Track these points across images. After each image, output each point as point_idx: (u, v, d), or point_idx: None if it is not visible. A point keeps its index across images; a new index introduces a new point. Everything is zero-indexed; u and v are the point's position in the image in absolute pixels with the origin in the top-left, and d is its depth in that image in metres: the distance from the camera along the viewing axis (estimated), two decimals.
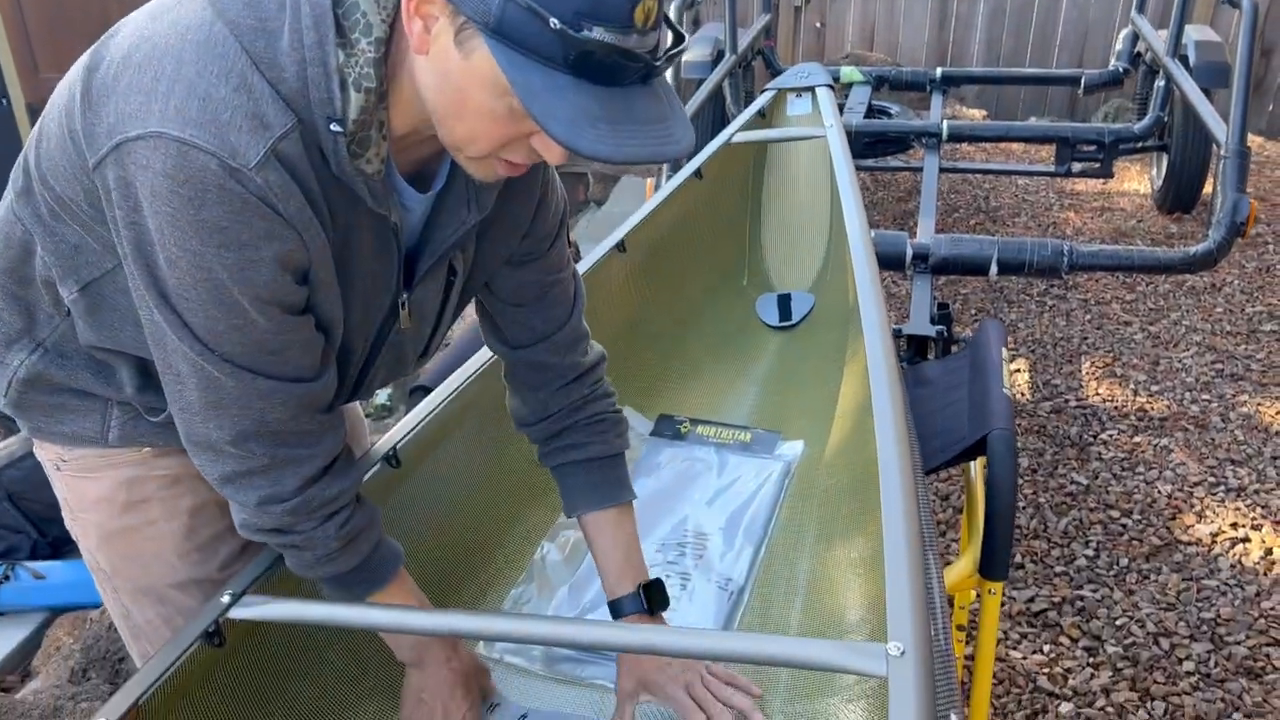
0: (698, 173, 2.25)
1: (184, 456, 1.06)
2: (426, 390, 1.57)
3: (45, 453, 1.18)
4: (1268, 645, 2.22)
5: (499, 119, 0.86)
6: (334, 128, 0.87)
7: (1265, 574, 2.42)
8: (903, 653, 0.88)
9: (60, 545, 2.72)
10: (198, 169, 0.82)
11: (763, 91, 2.54)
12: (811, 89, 2.46)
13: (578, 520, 1.32)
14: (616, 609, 1.28)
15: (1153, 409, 3.12)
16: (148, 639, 1.25)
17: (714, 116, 4.35)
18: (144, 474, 1.16)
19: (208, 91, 0.83)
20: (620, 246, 1.98)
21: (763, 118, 2.48)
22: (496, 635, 1.03)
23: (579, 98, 0.81)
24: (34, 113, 4.36)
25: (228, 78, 0.83)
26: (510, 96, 0.83)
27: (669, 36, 0.92)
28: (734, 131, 2.35)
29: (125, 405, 1.10)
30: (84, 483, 1.17)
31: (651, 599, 1.28)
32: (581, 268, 1.87)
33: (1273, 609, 2.31)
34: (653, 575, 1.31)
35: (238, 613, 1.08)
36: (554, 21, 0.78)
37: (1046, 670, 2.18)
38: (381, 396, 3.28)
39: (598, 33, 0.78)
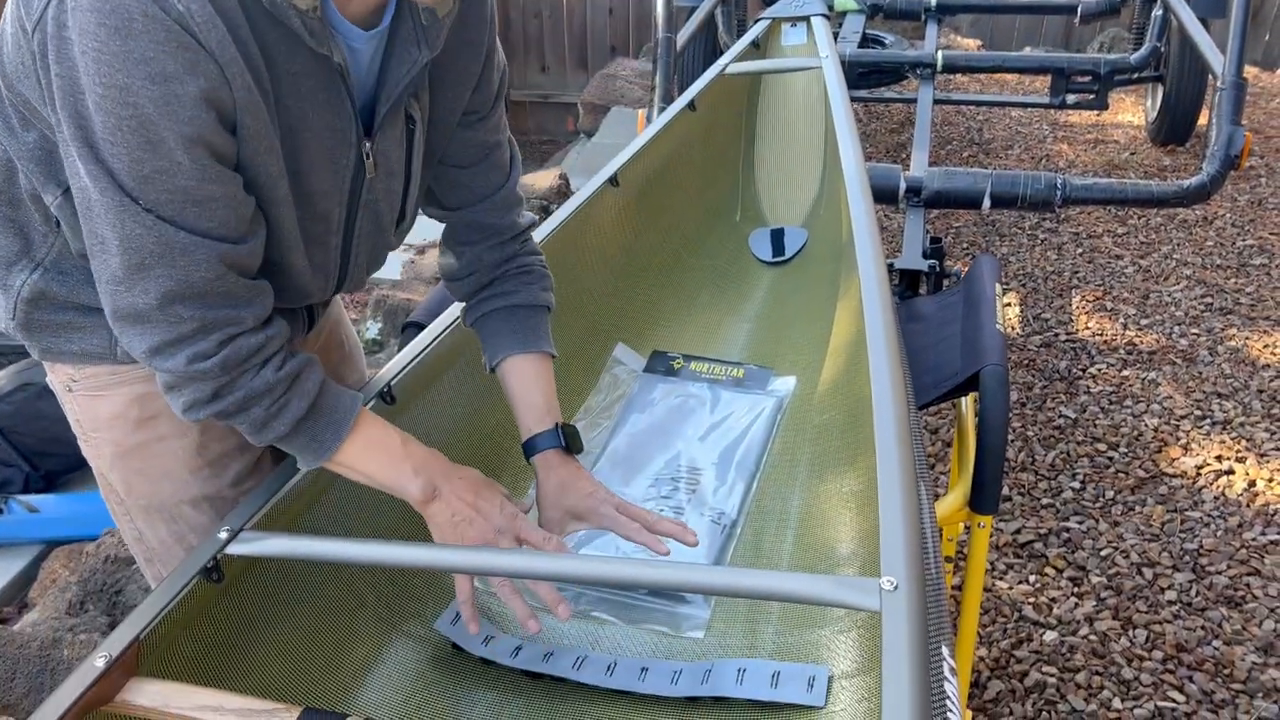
0: (691, 105, 2.22)
1: None
2: (420, 327, 1.57)
3: (56, 375, 1.19)
4: (1248, 575, 2.26)
5: None
6: None
7: (1248, 506, 2.46)
8: (896, 587, 0.90)
9: (53, 478, 2.73)
10: None
11: (756, 21, 2.49)
12: (806, 18, 2.41)
13: (497, 371, 1.32)
14: (533, 447, 1.29)
15: (1142, 343, 3.14)
16: (161, 561, 1.27)
17: (706, 47, 4.28)
18: (154, 390, 1.17)
19: None
20: (613, 180, 1.96)
21: (756, 48, 2.44)
22: (491, 570, 1.04)
23: None
24: None
25: None
26: None
27: None
28: (728, 62, 2.32)
29: None
30: (96, 402, 1.19)
31: (568, 438, 1.30)
32: (574, 202, 1.85)
33: (1254, 540, 2.36)
34: (646, 509, 1.32)
35: (236, 548, 1.09)
36: None
37: (1032, 600, 2.22)
38: (373, 331, 3.27)
39: None
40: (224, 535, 1.10)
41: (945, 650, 0.94)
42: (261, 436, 1.07)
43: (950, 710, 0.88)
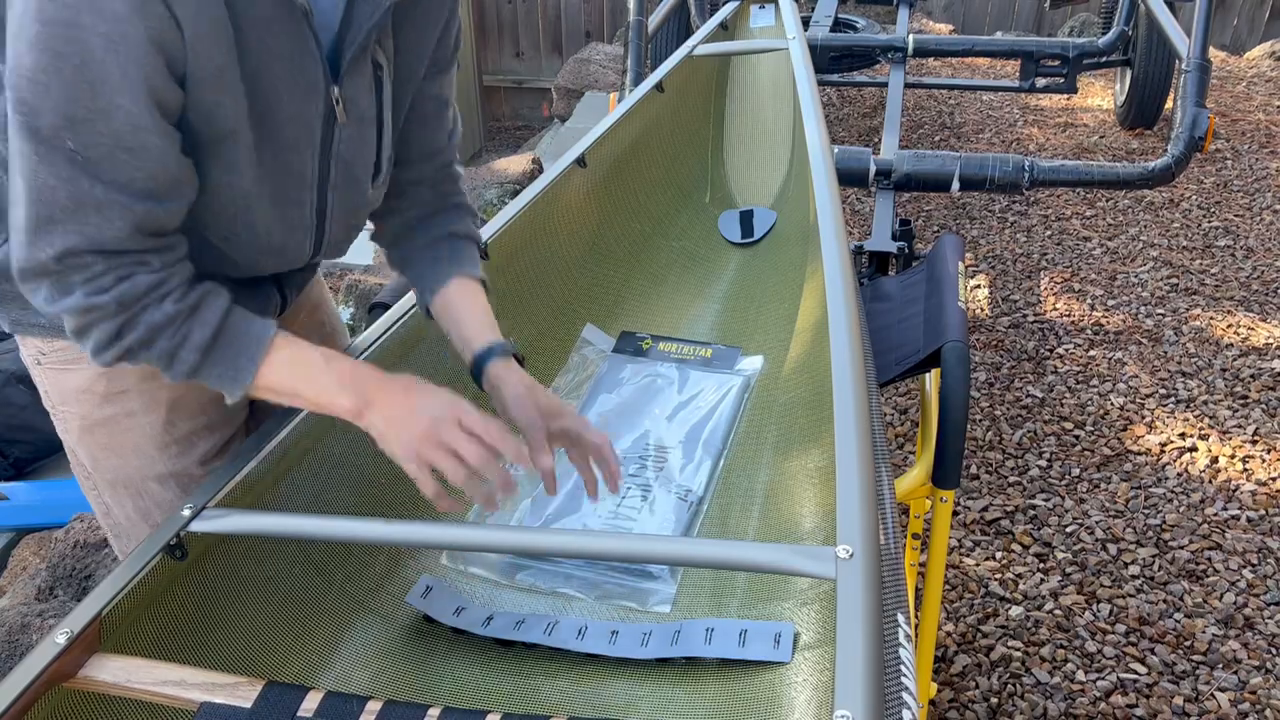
0: (659, 86, 2.22)
1: None
2: (386, 307, 1.57)
3: (26, 349, 1.19)
4: (1209, 549, 2.30)
5: None
6: None
7: (1210, 482, 2.51)
8: (851, 555, 0.91)
9: (23, 466, 2.71)
10: None
11: (727, 2, 2.50)
12: (775, 0, 2.42)
13: (437, 300, 1.29)
14: (489, 355, 1.24)
15: (1108, 323, 3.17)
16: (127, 536, 1.27)
17: (678, 28, 4.28)
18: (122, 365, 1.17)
19: None
20: (581, 161, 1.96)
21: (725, 30, 2.44)
22: (463, 545, 1.05)
23: None
24: None
25: None
26: None
27: None
28: (696, 43, 2.32)
29: None
30: (64, 375, 1.18)
31: (518, 354, 1.27)
32: (540, 183, 1.85)
33: (1215, 515, 2.40)
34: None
35: (199, 525, 1.09)
36: None
37: (998, 576, 2.25)
38: (345, 316, 3.27)
39: None
40: (187, 513, 1.10)
41: (901, 618, 0.95)
42: (175, 372, 1.04)
43: (905, 675, 0.90)
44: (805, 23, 4.32)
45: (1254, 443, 2.62)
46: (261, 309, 1.22)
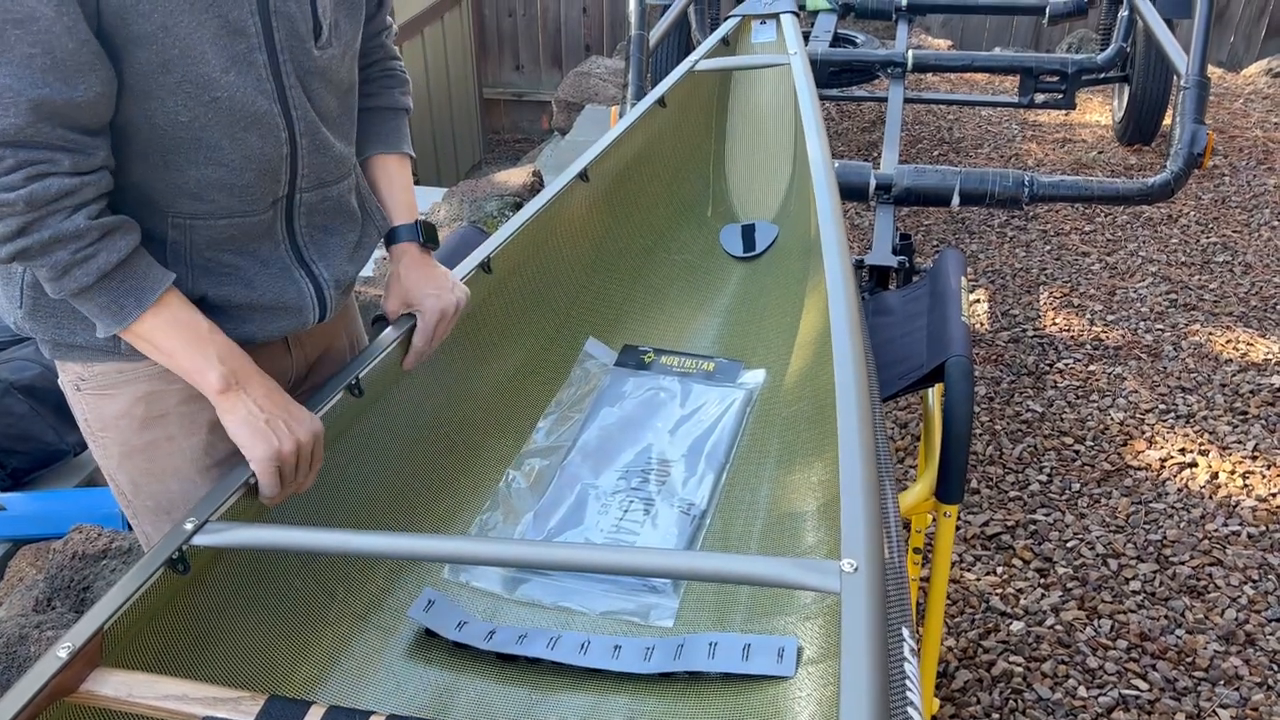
0: (661, 101, 2.23)
1: None
2: (386, 321, 1.56)
3: (66, 374, 1.19)
4: (1210, 565, 2.30)
5: None
6: None
7: (1210, 497, 2.50)
8: (856, 569, 0.91)
9: (20, 476, 2.70)
10: None
11: (727, 18, 2.51)
12: (776, 15, 2.43)
13: (360, 166, 1.36)
14: (395, 236, 1.38)
15: (1108, 338, 3.18)
16: None
17: (679, 44, 4.30)
18: (162, 388, 1.17)
19: None
20: (583, 175, 1.96)
21: (726, 45, 2.45)
22: (466, 558, 1.05)
23: None
24: None
25: None
26: None
27: None
28: (697, 59, 2.33)
29: None
30: (103, 400, 1.18)
31: (425, 233, 1.39)
32: (543, 197, 1.86)
33: (1216, 530, 2.40)
34: (616, 502, 1.33)
35: (201, 539, 1.09)
36: None
37: (999, 591, 2.25)
38: None
39: None
40: (189, 527, 1.09)
41: (905, 632, 0.95)
42: (61, 285, 1.03)
43: (910, 689, 0.90)
44: (805, 38, 4.34)
45: (1254, 458, 2.62)
46: (298, 313, 1.22)
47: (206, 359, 1.09)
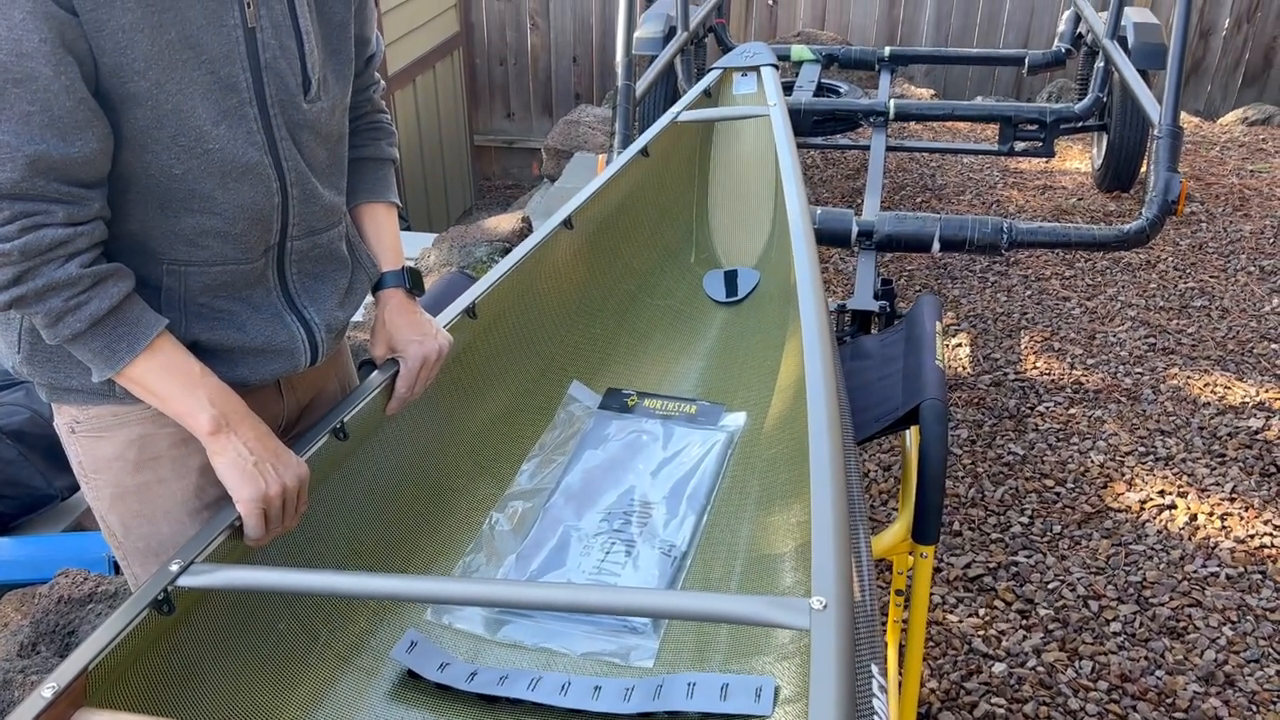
0: (644, 150, 2.28)
1: None
2: (373, 365, 1.59)
3: (62, 417, 1.22)
4: (1189, 606, 2.32)
5: None
6: None
7: (1189, 539, 2.53)
8: (825, 606, 0.93)
9: (6, 521, 2.71)
10: None
11: (710, 69, 2.57)
12: (757, 68, 2.49)
13: (349, 214, 1.40)
14: (380, 283, 1.42)
15: (1088, 382, 3.22)
16: None
17: (665, 93, 4.38)
18: (155, 431, 1.20)
19: None
20: (567, 223, 2.01)
21: (709, 96, 2.51)
22: (449, 599, 1.07)
23: None
24: None
25: None
26: None
27: None
28: (680, 110, 2.39)
29: None
30: (97, 443, 1.21)
31: (411, 279, 1.44)
32: (528, 244, 1.90)
33: (1195, 572, 2.42)
34: (598, 544, 1.36)
35: (187, 580, 1.10)
36: None
37: (981, 632, 2.26)
38: None
39: None
40: (175, 568, 1.11)
41: (875, 669, 0.97)
42: (56, 332, 1.06)
43: None
44: (789, 88, 4.43)
45: (1231, 500, 2.65)
46: (290, 356, 1.25)
47: (198, 401, 1.12)
